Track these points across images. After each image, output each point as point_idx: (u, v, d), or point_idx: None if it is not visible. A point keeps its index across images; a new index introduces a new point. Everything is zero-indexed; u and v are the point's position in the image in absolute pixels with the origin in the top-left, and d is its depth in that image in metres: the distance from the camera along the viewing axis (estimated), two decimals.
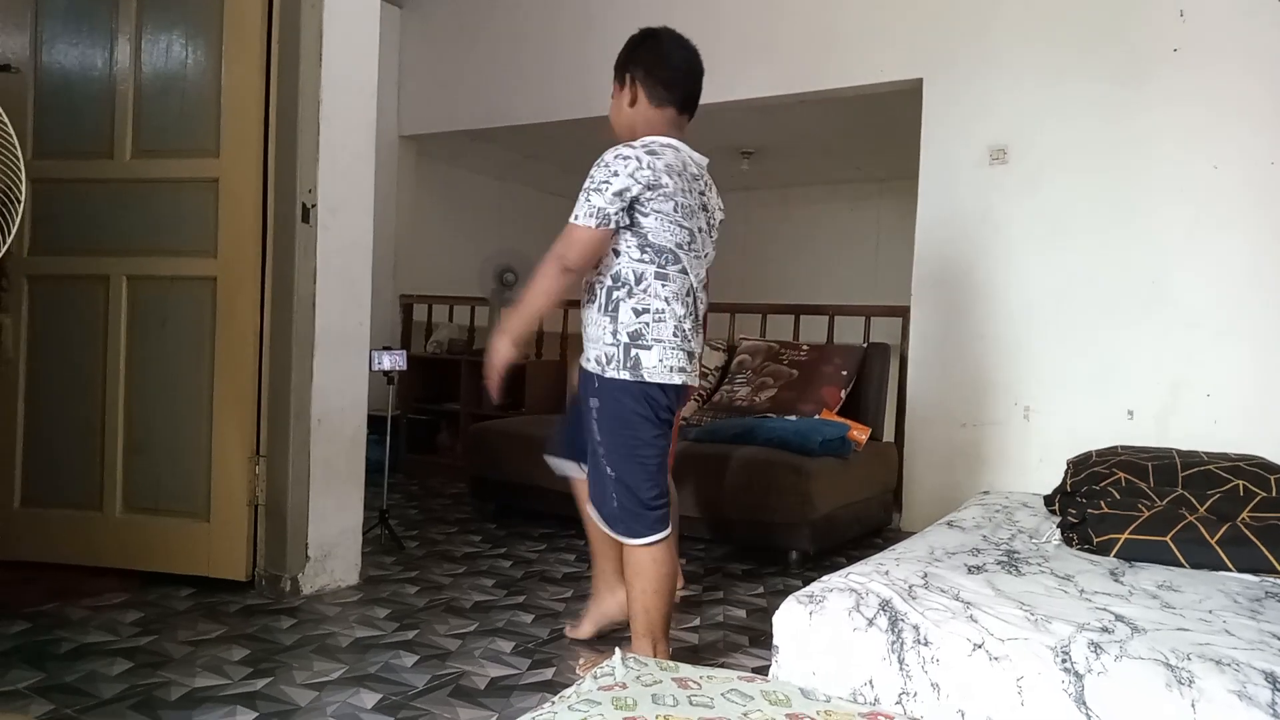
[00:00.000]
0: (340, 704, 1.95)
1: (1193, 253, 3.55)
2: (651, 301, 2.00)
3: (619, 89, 2.13)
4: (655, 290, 2.00)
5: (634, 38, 2.14)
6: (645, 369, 2.01)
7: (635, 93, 2.09)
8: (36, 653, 2.17)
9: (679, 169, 2.01)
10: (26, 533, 2.81)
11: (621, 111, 2.12)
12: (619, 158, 1.97)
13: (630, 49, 2.13)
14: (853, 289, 6.35)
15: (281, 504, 2.74)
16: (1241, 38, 3.48)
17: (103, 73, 2.79)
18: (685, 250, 2.03)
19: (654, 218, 1.98)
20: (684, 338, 2.04)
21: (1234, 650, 1.37)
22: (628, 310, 2.01)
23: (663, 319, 2.01)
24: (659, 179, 1.96)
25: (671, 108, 2.09)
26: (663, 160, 1.98)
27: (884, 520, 4.02)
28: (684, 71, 2.10)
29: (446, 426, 5.45)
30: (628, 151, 1.98)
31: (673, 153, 2.02)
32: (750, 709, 1.31)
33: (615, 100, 2.14)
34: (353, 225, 2.84)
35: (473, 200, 6.95)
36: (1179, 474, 2.42)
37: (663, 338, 2.01)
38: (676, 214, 2.00)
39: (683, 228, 2.01)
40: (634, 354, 2.01)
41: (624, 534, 2.08)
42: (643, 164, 1.95)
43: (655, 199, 1.97)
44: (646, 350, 2.00)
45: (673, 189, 1.98)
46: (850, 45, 4.31)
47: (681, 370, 2.04)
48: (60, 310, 2.83)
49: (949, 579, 1.73)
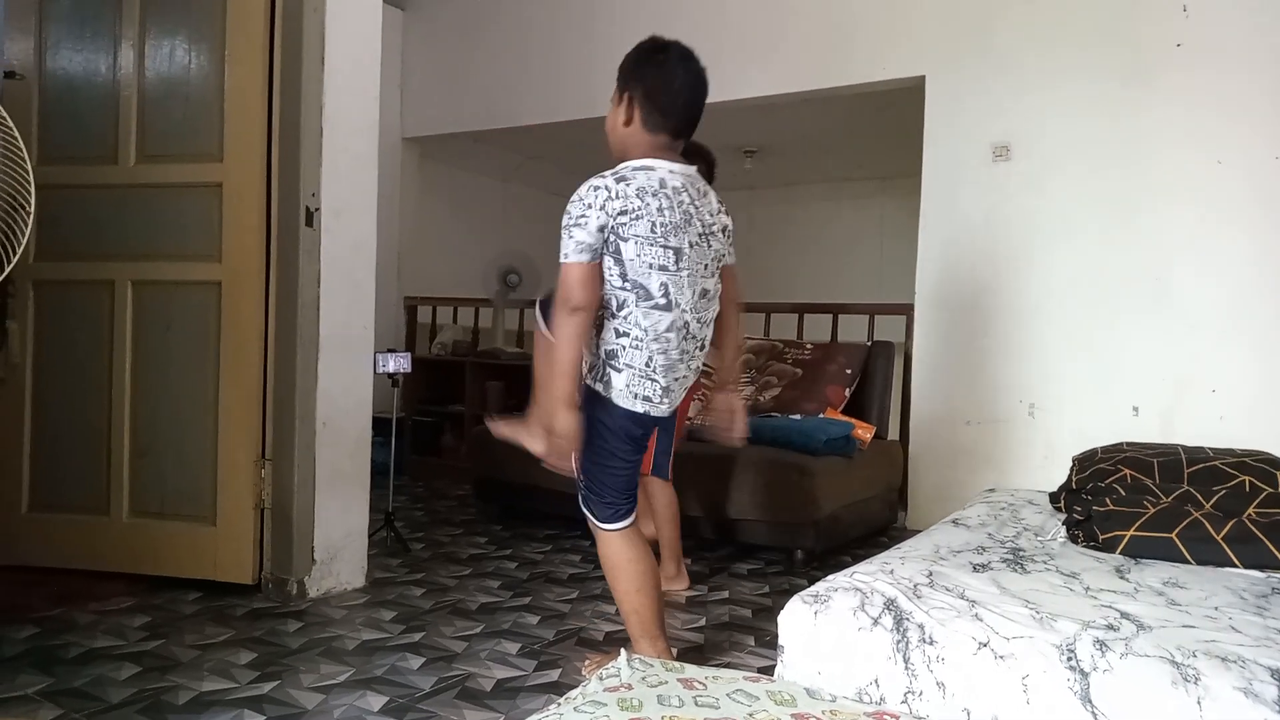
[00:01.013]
0: (347, 707, 1.95)
1: (1197, 249, 3.55)
2: (630, 328, 1.98)
3: (616, 102, 2.06)
4: (636, 319, 1.98)
5: (642, 48, 2.06)
6: (613, 389, 2.00)
7: (631, 113, 2.02)
8: (45, 657, 2.18)
9: (653, 189, 1.96)
10: (33, 538, 2.82)
11: (616, 128, 2.06)
12: (591, 189, 1.94)
13: (636, 63, 2.05)
14: (856, 287, 6.34)
15: (287, 507, 2.74)
16: (1245, 33, 3.47)
17: (106, 78, 2.80)
18: (672, 272, 1.97)
19: (632, 243, 1.94)
20: (657, 369, 2.00)
21: (1240, 647, 1.37)
22: (610, 329, 2.01)
23: (639, 347, 1.98)
24: (628, 204, 1.92)
25: (665, 134, 2.03)
26: (633, 185, 1.94)
27: (889, 519, 4.02)
28: (685, 101, 2.03)
29: (451, 428, 5.46)
30: (598, 182, 1.94)
31: (644, 174, 1.97)
32: (756, 709, 1.31)
33: (612, 112, 2.08)
34: (356, 228, 2.84)
35: (476, 202, 6.96)
36: (1184, 470, 2.41)
37: (634, 364, 1.99)
38: (655, 233, 1.94)
39: (665, 247, 1.96)
40: (606, 372, 2.01)
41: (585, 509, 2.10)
42: (612, 192, 1.92)
43: (628, 223, 1.93)
44: (617, 373, 1.99)
45: (643, 209, 1.93)
46: (853, 43, 4.31)
47: (646, 400, 2.00)
48: (66, 316, 2.84)
49: (954, 577, 1.73)
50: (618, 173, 1.97)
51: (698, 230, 2.03)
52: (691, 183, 2.06)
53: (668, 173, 2.00)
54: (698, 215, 2.04)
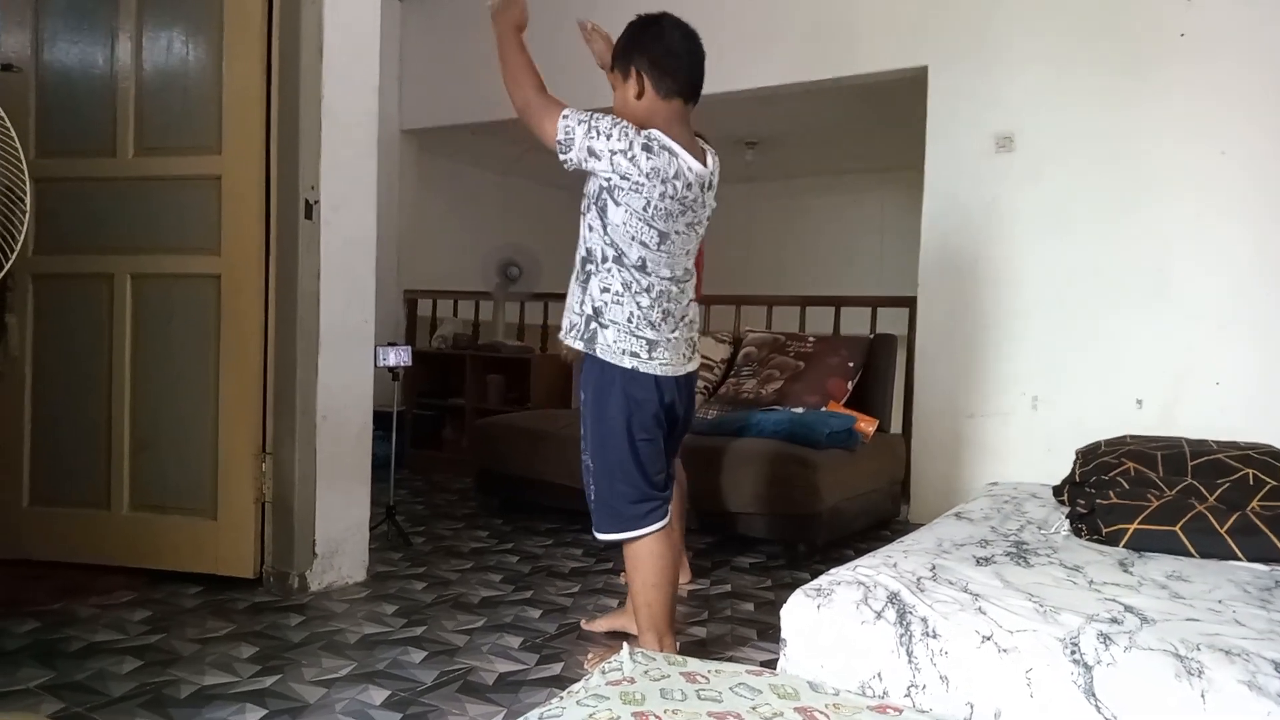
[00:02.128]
0: (349, 700, 1.95)
1: (1199, 241, 3.53)
2: (612, 283, 2.01)
3: (621, 80, 2.08)
4: (615, 274, 2.00)
5: (635, 25, 2.10)
6: (598, 345, 2.02)
7: (642, 85, 2.05)
8: (46, 651, 2.18)
9: (665, 175, 1.96)
10: (34, 531, 2.82)
11: (628, 104, 2.07)
12: (625, 130, 1.94)
13: (633, 37, 2.08)
14: (859, 280, 6.33)
15: (288, 501, 2.74)
16: (1248, 23, 3.45)
17: (104, 70, 2.79)
18: (652, 250, 2.00)
19: (623, 210, 1.96)
20: (640, 325, 2.01)
21: (1243, 640, 1.36)
22: (595, 284, 2.03)
23: (620, 302, 2.00)
24: (634, 174, 1.93)
25: (678, 99, 2.06)
26: (652, 162, 1.94)
27: (892, 512, 4.02)
28: (688, 60, 2.07)
29: (452, 421, 5.45)
30: (634, 134, 1.95)
31: (666, 157, 1.97)
32: (759, 702, 1.31)
33: (619, 93, 2.09)
34: (355, 221, 2.83)
35: (475, 194, 6.95)
36: (1188, 463, 2.40)
37: (618, 320, 2.01)
38: (646, 212, 1.97)
39: (651, 227, 1.98)
40: (593, 328, 2.03)
41: (605, 530, 2.08)
42: (629, 153, 1.93)
43: (625, 191, 1.95)
44: (604, 329, 2.02)
45: (645, 188, 1.95)
46: (855, 33, 4.28)
47: (634, 355, 2.00)
48: (65, 309, 2.84)
49: (957, 571, 1.72)
50: (648, 138, 1.96)
51: (687, 222, 2.06)
52: (701, 183, 2.06)
53: (686, 169, 2.00)
54: (694, 211, 2.06)
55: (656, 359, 2.03)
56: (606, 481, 2.06)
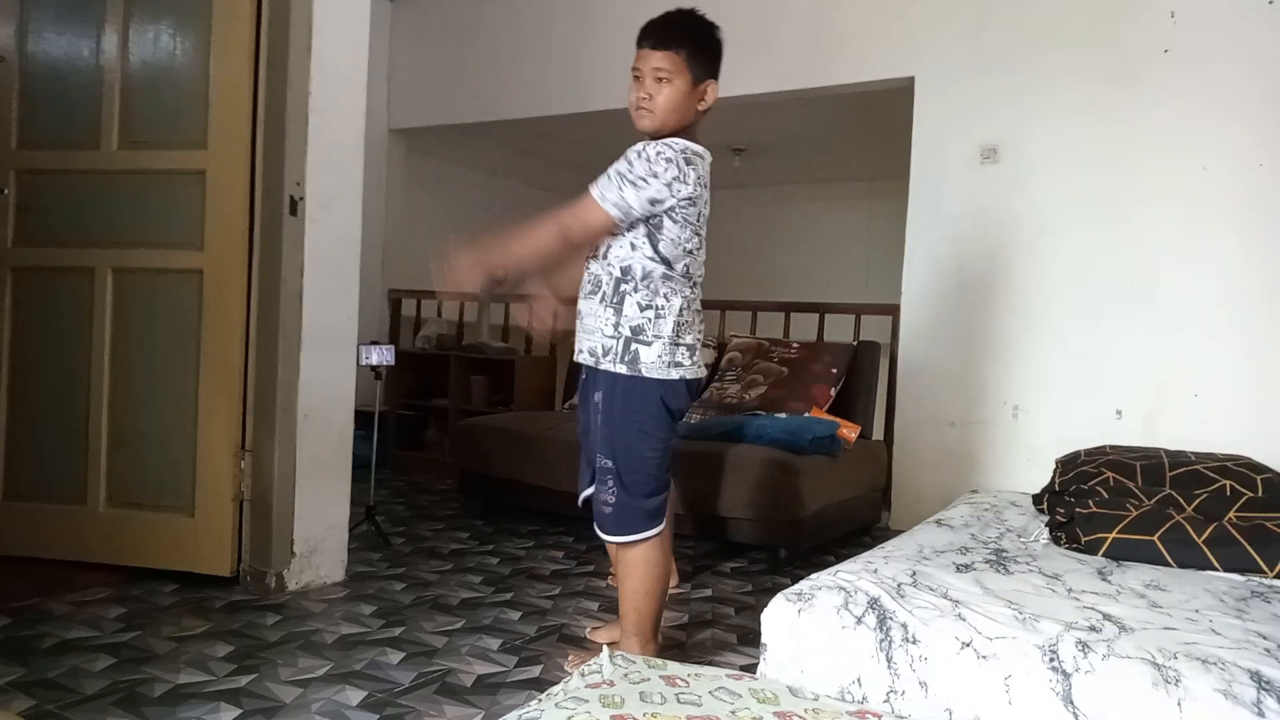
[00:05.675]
0: (325, 701, 1.93)
1: (1182, 253, 3.56)
2: (655, 299, 2.00)
3: (690, 85, 1.98)
4: (659, 289, 2.00)
5: (712, 30, 2.03)
6: (643, 364, 2.01)
7: (705, 95, 2.02)
8: (19, 648, 2.15)
9: (706, 180, 2.02)
10: (9, 527, 2.78)
11: (691, 110, 2.01)
12: (663, 158, 1.92)
13: (718, 52, 2.04)
14: (843, 287, 6.35)
15: (267, 499, 2.72)
16: (1232, 39, 3.49)
17: (90, 63, 2.76)
18: (695, 254, 2.05)
19: (680, 225, 1.98)
20: (683, 334, 2.03)
21: (1220, 649, 1.38)
22: (633, 304, 2.01)
23: (664, 315, 2.01)
24: (694, 191, 1.97)
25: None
26: (696, 172, 1.98)
27: (873, 518, 4.03)
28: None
29: (434, 422, 5.43)
30: (670, 154, 1.93)
31: (702, 164, 2.01)
32: (738, 706, 1.31)
33: (688, 93, 1.99)
34: (341, 219, 2.82)
35: (463, 195, 6.92)
36: (1167, 474, 2.43)
37: (663, 334, 2.01)
38: (697, 222, 2.02)
39: (698, 234, 2.04)
40: (634, 349, 2.01)
41: (614, 532, 2.08)
42: (682, 174, 1.94)
43: (686, 208, 1.97)
44: (646, 346, 2.01)
45: (700, 198, 2.00)
46: (842, 43, 4.31)
47: (678, 365, 2.03)
48: (45, 302, 2.80)
49: (937, 577, 1.73)
50: (686, 152, 1.97)
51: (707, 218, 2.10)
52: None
53: (708, 166, 2.05)
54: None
55: (695, 362, 2.07)
56: (632, 479, 2.05)
